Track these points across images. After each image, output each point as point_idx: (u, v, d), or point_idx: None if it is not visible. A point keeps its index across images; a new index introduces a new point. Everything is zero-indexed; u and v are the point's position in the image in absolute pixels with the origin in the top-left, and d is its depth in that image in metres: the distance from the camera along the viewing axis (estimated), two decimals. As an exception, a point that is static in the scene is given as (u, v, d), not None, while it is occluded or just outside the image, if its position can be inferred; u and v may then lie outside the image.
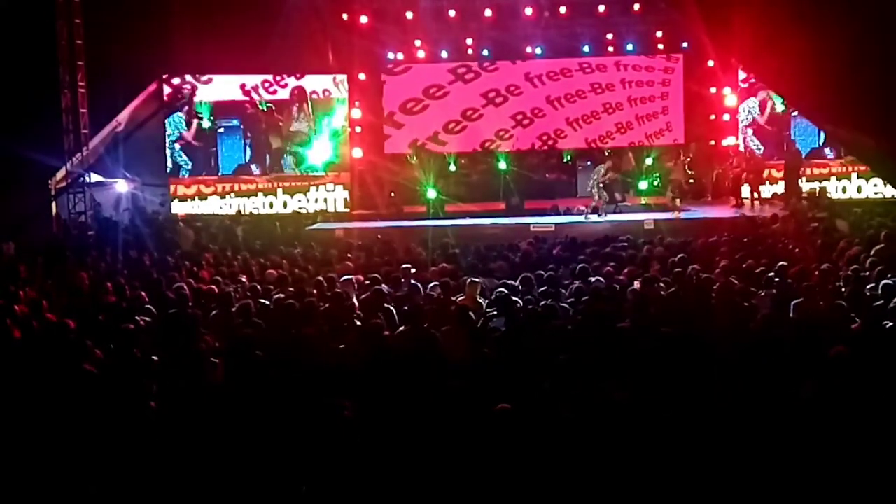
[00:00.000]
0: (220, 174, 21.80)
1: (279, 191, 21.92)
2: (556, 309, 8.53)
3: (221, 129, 21.75)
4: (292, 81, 21.60)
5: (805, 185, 20.44)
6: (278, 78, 21.54)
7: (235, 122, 21.75)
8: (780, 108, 21.20)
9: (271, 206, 21.85)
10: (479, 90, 22.52)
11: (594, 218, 18.21)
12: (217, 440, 5.68)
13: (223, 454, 5.46)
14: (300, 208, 21.56)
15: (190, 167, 21.76)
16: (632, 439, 5.54)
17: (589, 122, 22.47)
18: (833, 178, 21.04)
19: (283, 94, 21.66)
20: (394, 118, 22.63)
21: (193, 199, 21.85)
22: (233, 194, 21.88)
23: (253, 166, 21.84)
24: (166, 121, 21.48)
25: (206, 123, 21.66)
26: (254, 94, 21.65)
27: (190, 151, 21.73)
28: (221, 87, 21.62)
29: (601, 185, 18.68)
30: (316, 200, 21.83)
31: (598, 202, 18.60)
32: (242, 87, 21.62)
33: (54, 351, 7.63)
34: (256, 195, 21.92)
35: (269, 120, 21.71)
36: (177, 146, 21.65)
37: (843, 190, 21.00)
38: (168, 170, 21.68)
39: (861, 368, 6.11)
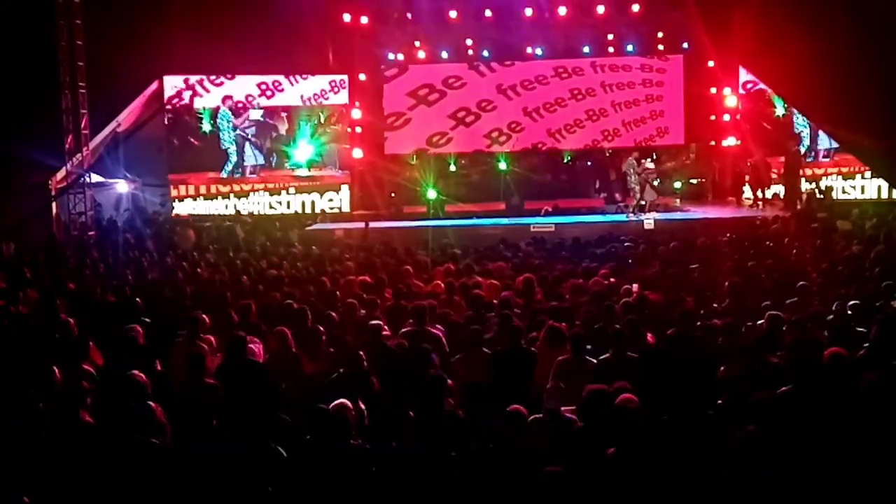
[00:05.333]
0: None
1: (281, 192, 22.00)
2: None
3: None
4: (287, 87, 21.82)
5: (805, 185, 20.41)
6: (276, 83, 21.73)
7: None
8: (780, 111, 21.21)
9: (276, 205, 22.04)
10: (479, 90, 22.51)
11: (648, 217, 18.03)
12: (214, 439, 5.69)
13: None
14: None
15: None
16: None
17: (589, 122, 22.47)
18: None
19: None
20: (394, 118, 22.63)
21: (195, 198, 21.95)
22: (225, 195, 21.98)
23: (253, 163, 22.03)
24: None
25: (206, 127, 21.72)
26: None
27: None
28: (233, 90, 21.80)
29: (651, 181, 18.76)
30: (311, 204, 21.98)
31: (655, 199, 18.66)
32: (259, 86, 21.82)
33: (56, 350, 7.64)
34: (241, 197, 21.99)
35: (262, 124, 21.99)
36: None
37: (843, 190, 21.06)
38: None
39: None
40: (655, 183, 19.10)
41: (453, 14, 20.91)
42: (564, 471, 5.02)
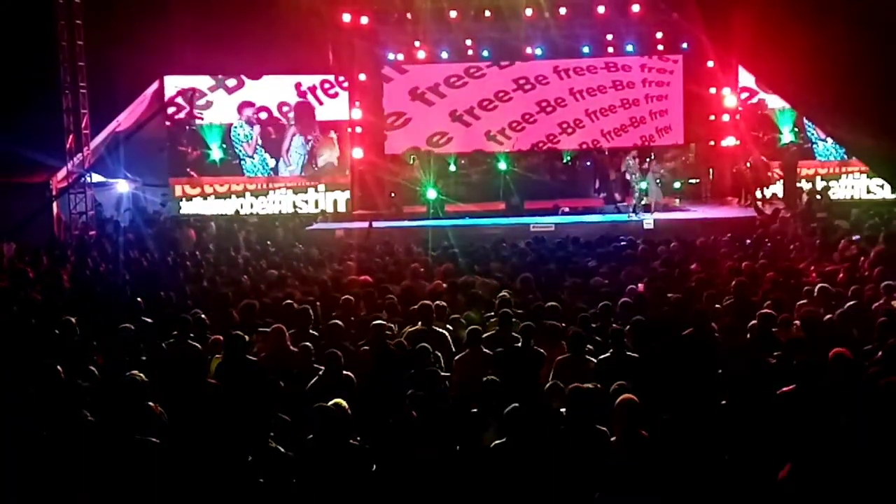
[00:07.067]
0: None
1: (280, 191, 22.06)
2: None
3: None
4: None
5: (804, 185, 20.44)
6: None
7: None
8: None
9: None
10: (479, 91, 22.52)
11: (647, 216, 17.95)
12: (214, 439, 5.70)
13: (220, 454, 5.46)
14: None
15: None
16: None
17: (589, 122, 22.47)
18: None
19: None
20: (394, 118, 22.65)
21: (205, 198, 22.10)
22: (239, 194, 22.04)
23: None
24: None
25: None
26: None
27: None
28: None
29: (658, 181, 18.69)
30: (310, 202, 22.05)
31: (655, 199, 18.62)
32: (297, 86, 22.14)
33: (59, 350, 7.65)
34: (259, 195, 22.06)
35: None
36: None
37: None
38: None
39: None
40: (658, 182, 19.09)
41: (453, 14, 20.90)
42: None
